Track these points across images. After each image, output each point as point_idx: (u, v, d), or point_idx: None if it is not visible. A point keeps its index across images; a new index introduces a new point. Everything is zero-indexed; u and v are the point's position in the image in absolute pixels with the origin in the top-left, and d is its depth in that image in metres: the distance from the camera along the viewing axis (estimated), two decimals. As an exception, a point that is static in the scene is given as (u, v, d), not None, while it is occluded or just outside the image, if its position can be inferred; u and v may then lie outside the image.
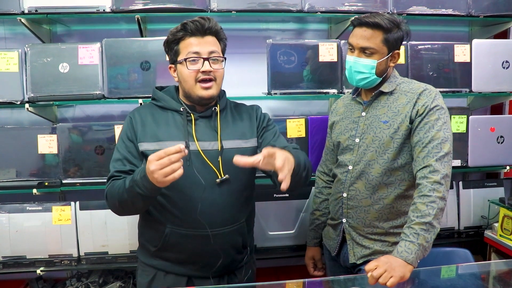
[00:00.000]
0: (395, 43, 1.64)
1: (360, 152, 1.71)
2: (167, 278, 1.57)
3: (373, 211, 1.69)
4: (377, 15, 1.61)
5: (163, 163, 1.24)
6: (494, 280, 1.68)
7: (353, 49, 1.66)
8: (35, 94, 2.15)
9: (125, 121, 1.60)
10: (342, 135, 1.79)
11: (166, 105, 1.59)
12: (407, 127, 1.61)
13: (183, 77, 1.52)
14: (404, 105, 1.64)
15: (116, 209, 1.50)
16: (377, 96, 1.71)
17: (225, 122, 1.60)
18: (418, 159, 1.55)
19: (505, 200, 2.39)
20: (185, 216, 1.51)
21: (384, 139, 1.65)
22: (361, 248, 1.73)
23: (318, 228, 1.99)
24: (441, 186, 1.49)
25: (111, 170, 1.52)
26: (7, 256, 2.21)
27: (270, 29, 2.69)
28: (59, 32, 2.55)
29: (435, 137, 1.54)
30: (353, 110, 1.79)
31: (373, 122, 1.69)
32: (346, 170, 1.75)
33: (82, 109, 2.61)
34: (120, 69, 2.20)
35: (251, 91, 2.48)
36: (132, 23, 2.36)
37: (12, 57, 2.14)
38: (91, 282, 2.36)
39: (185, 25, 1.48)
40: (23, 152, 2.20)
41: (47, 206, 2.22)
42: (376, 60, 1.62)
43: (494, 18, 2.53)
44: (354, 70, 1.66)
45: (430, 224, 1.44)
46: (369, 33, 1.61)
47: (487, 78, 2.44)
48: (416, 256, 1.41)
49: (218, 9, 2.25)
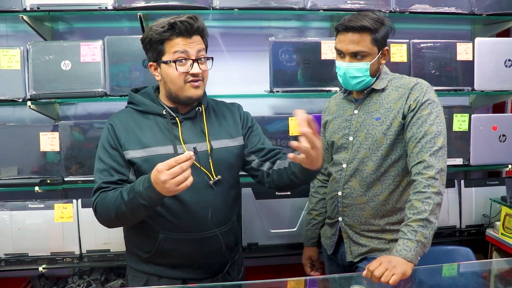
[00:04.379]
0: (383, 41, 1.63)
1: (354, 150, 1.70)
2: (161, 282, 1.53)
3: (369, 208, 1.69)
4: (360, 17, 1.58)
5: (175, 172, 1.21)
6: (495, 279, 1.67)
7: (343, 54, 1.63)
8: (37, 91, 2.15)
9: (104, 129, 1.52)
10: (335, 134, 1.78)
11: (147, 109, 1.52)
12: (400, 123, 1.61)
13: (170, 78, 1.45)
14: (396, 100, 1.63)
15: (110, 222, 1.44)
16: (369, 93, 1.70)
17: (210, 122, 1.57)
18: (412, 154, 1.55)
19: (507, 199, 2.38)
20: (179, 220, 1.48)
21: (377, 136, 1.64)
22: (358, 246, 1.73)
23: (315, 228, 1.98)
24: (436, 181, 1.48)
25: (97, 181, 1.44)
26: (9, 253, 2.22)
27: (272, 27, 2.69)
28: (61, 30, 2.55)
29: (428, 131, 1.53)
30: (346, 108, 1.78)
31: (366, 119, 1.68)
32: (341, 169, 1.74)
33: (84, 107, 2.60)
34: (122, 67, 2.19)
35: (253, 89, 2.48)
36: (134, 20, 2.36)
37: (14, 54, 2.14)
38: (93, 279, 2.36)
39: (173, 25, 1.41)
40: (25, 150, 2.20)
41: (49, 203, 2.22)
42: (369, 62, 1.61)
43: (497, 16, 2.52)
44: (348, 76, 1.64)
45: (427, 220, 1.44)
46: (357, 37, 1.58)
47: (489, 76, 2.43)
48: (415, 253, 1.41)
49: (220, 7, 2.25)
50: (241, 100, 1.78)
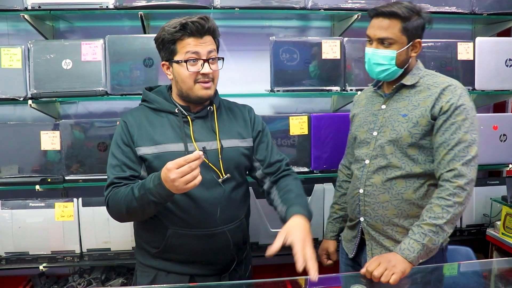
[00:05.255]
0: (414, 31, 1.55)
1: (377, 146, 1.64)
2: (169, 278, 1.56)
3: (392, 207, 1.61)
4: (395, 4, 1.53)
5: (184, 171, 1.24)
6: (496, 278, 1.67)
7: (371, 40, 1.59)
8: (38, 90, 2.15)
9: (118, 126, 1.57)
10: (360, 128, 1.72)
11: (160, 107, 1.56)
12: (428, 123, 1.54)
13: (181, 78, 1.49)
14: (425, 98, 1.56)
15: (121, 216, 1.48)
16: (398, 89, 1.64)
17: (221, 121, 1.60)
18: (443, 161, 1.49)
19: (508, 199, 2.38)
20: (188, 216, 1.50)
21: (402, 133, 1.57)
22: (381, 249, 1.64)
23: (335, 222, 1.93)
24: (464, 191, 1.44)
25: (110, 176, 1.49)
26: (10, 252, 2.22)
27: (273, 26, 2.69)
28: (62, 29, 2.55)
29: (462, 139, 1.47)
30: (374, 102, 1.72)
31: (392, 115, 1.62)
32: (363, 165, 1.68)
33: (84, 106, 2.61)
34: (123, 66, 2.19)
35: (254, 88, 2.48)
36: (135, 19, 2.36)
37: (15, 53, 2.14)
38: (93, 278, 2.36)
39: (185, 26, 1.44)
40: (25, 149, 2.20)
41: (49, 202, 2.22)
42: (395, 51, 1.55)
43: (498, 16, 2.52)
44: (373, 62, 1.60)
45: (440, 228, 1.41)
46: (386, 23, 1.54)
47: (490, 76, 2.43)
48: (417, 256, 1.39)
49: (221, 6, 2.25)
50: (241, 99, 1.78)
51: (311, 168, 2.37)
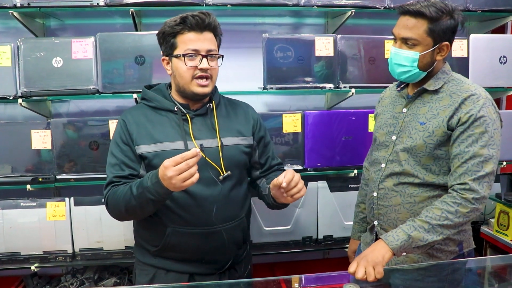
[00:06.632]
0: (442, 33, 1.45)
1: (394, 151, 1.59)
2: (168, 276, 1.56)
3: (404, 210, 1.56)
4: (424, 2, 1.45)
5: (181, 169, 1.24)
6: (490, 276, 1.67)
7: (396, 39, 1.52)
8: (28, 89, 2.13)
9: (117, 124, 1.57)
10: (380, 130, 1.67)
11: (159, 105, 1.56)
12: (444, 133, 1.47)
13: (179, 72, 1.49)
14: (445, 108, 1.48)
15: (120, 215, 1.49)
16: (420, 93, 1.56)
17: (221, 119, 1.59)
18: (455, 173, 1.43)
19: (502, 196, 2.39)
20: (187, 214, 1.50)
21: (417, 142, 1.51)
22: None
23: (362, 222, 1.89)
24: (471, 205, 1.38)
25: (109, 175, 1.50)
26: (1, 252, 2.20)
27: (266, 24, 2.67)
28: (53, 26, 2.52)
29: (477, 153, 1.39)
30: (396, 104, 1.65)
31: (411, 121, 1.56)
32: (379, 169, 1.64)
33: (76, 104, 2.58)
34: (115, 64, 2.17)
35: (247, 86, 2.47)
36: (126, 17, 2.33)
37: (5, 51, 2.11)
38: (86, 278, 2.35)
39: (184, 19, 1.44)
40: (16, 148, 2.18)
41: (41, 202, 2.20)
42: (418, 52, 1.47)
43: (492, 12, 2.52)
44: (394, 62, 1.52)
45: (433, 227, 1.37)
46: (412, 22, 1.45)
47: (484, 73, 2.43)
48: (400, 245, 1.35)
49: (213, 3, 2.23)
50: (234, 97, 1.77)
51: (305, 166, 2.36)
